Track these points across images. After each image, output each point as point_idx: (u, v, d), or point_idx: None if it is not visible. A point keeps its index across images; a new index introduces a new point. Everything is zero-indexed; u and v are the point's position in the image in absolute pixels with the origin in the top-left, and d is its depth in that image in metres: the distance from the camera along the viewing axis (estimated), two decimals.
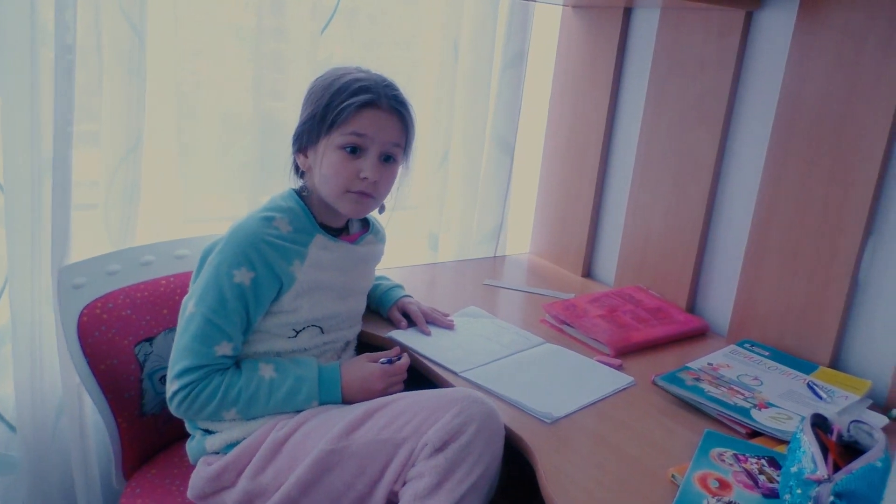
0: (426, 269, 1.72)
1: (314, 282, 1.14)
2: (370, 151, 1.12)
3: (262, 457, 1.05)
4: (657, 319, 1.45)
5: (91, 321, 1.19)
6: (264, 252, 1.08)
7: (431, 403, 1.01)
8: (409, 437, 0.99)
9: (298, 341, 1.15)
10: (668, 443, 1.04)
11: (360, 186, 1.12)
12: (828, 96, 1.26)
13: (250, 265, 1.08)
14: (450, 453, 0.96)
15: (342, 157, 1.11)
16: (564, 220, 1.82)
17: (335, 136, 1.11)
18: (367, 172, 1.11)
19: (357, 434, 1.02)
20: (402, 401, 1.04)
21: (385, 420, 1.02)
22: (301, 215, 1.15)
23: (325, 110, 1.11)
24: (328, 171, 1.12)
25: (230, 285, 1.07)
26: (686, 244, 1.53)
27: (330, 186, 1.13)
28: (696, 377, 1.19)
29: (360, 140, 1.11)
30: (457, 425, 0.98)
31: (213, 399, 1.06)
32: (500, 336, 1.32)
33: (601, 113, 1.69)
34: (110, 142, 1.33)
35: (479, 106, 1.72)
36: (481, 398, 1.02)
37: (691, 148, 1.50)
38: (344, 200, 1.13)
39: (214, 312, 1.06)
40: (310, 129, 1.13)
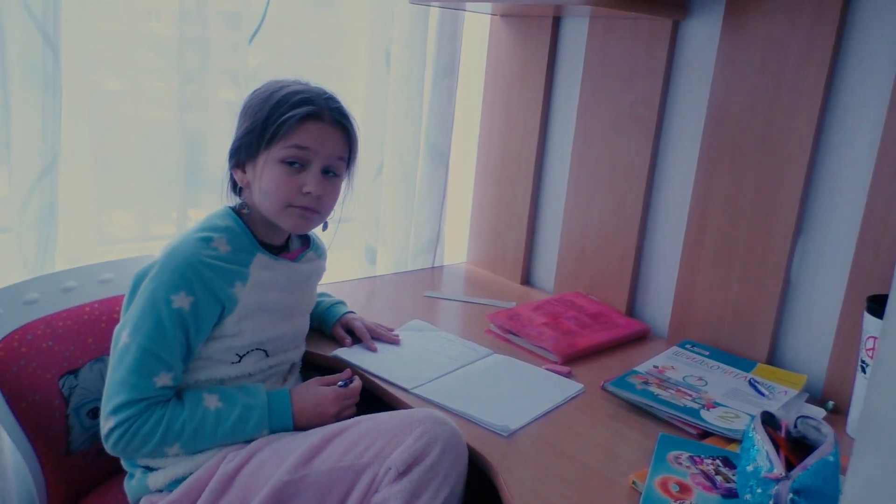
0: (365, 282, 1.69)
1: (257, 303, 1.09)
2: (313, 165, 1.08)
3: (212, 491, 0.98)
4: (599, 324, 1.46)
5: (8, 355, 1.10)
6: (204, 275, 1.03)
7: (393, 426, 0.98)
8: (372, 463, 0.95)
9: (242, 366, 1.09)
10: (623, 449, 1.05)
11: (303, 202, 1.08)
12: (754, 102, 1.31)
13: (189, 289, 1.02)
14: (414, 477, 0.93)
15: (283, 172, 1.07)
16: (500, 228, 1.83)
17: (275, 150, 1.06)
18: (311, 187, 1.07)
19: (315, 462, 0.97)
20: (362, 425, 1.00)
21: (345, 446, 0.98)
22: (240, 234, 1.10)
23: (264, 123, 1.06)
24: (269, 187, 1.07)
25: (168, 311, 1.01)
26: (623, 249, 1.55)
27: (271, 202, 1.08)
28: (644, 381, 1.21)
29: (302, 153, 1.07)
30: (420, 447, 0.95)
31: (154, 434, 0.99)
32: (446, 349, 1.30)
33: (534, 121, 1.71)
34: (23, 161, 1.23)
35: (413, 117, 1.70)
36: (444, 418, 1.00)
37: (625, 154, 1.53)
38: (286, 216, 1.09)
39: (152, 341, 1.00)
40: (248, 144, 1.08)
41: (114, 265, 1.27)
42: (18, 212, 1.25)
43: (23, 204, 1.25)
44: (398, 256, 1.78)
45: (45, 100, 1.23)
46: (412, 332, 1.38)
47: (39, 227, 1.26)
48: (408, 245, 1.79)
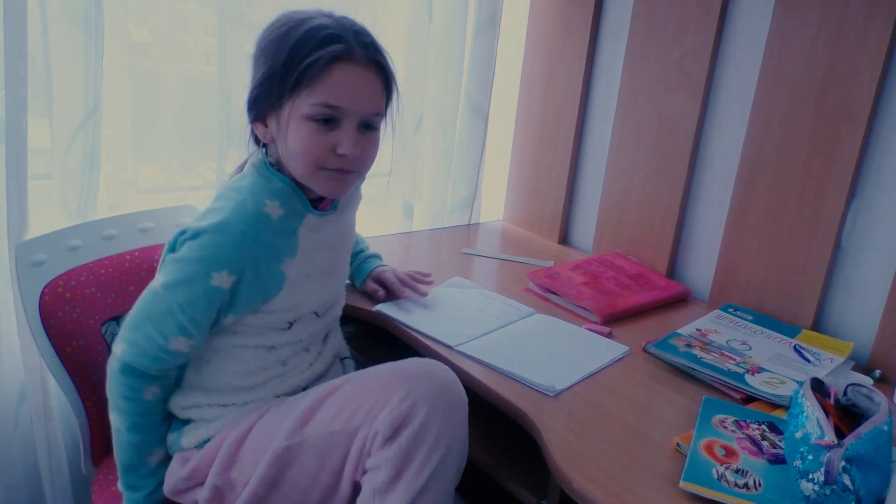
0: (401, 238, 1.68)
1: (306, 273, 1.02)
2: (346, 122, 0.95)
3: (226, 453, 0.98)
4: (639, 285, 1.44)
5: (53, 300, 1.11)
6: (253, 252, 0.94)
7: (380, 384, 0.93)
8: (362, 425, 0.92)
9: (293, 333, 1.04)
10: (667, 411, 1.04)
11: (336, 163, 0.96)
12: (811, 58, 1.25)
13: (233, 269, 0.93)
14: (402, 441, 0.89)
15: (312, 130, 0.93)
16: (539, 186, 1.80)
17: (302, 103, 0.92)
18: (346, 148, 0.94)
19: (310, 426, 0.95)
20: (351, 383, 0.96)
21: (335, 409, 0.94)
22: (291, 194, 0.99)
23: (285, 68, 0.91)
24: (296, 147, 0.94)
25: (205, 288, 0.93)
26: (665, 209, 1.52)
27: (300, 164, 0.96)
28: (687, 343, 1.19)
29: (333, 112, 0.93)
30: (405, 410, 0.90)
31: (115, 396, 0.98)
32: (489, 307, 1.29)
33: (577, 76, 1.66)
34: (65, 108, 1.23)
35: (453, 71, 1.66)
36: (433, 370, 0.94)
37: (671, 111, 1.48)
38: (318, 179, 0.97)
39: (183, 308, 0.93)
40: (268, 93, 0.94)
41: (153, 214, 1.28)
42: (61, 159, 1.25)
43: (65, 151, 1.25)
44: (435, 213, 1.76)
45: (87, 46, 1.21)
46: (454, 289, 1.37)
47: (82, 174, 1.27)
48: (445, 201, 1.77)
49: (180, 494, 1.03)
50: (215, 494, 0.99)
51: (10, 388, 1.18)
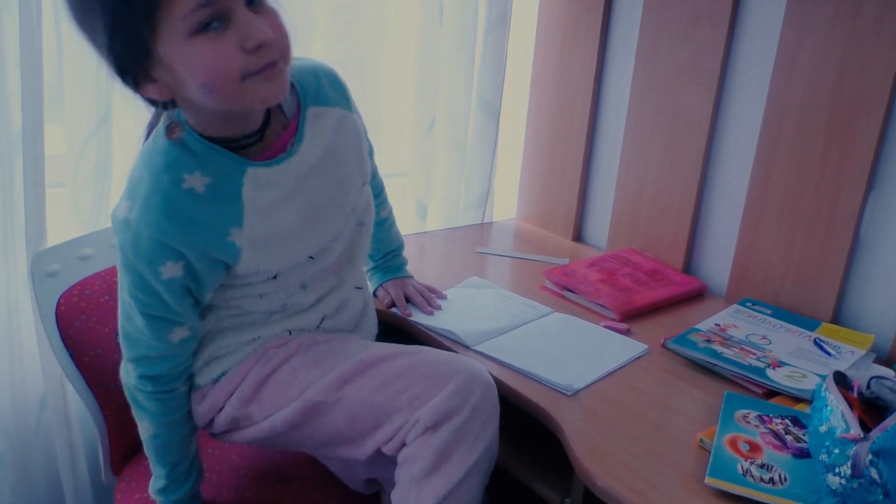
0: (416, 238, 1.67)
1: (268, 235, 0.91)
2: (234, 11, 0.76)
3: (246, 388, 0.97)
4: (656, 281, 1.43)
5: (69, 310, 1.12)
6: (184, 234, 0.85)
7: (430, 373, 0.92)
8: (403, 409, 0.91)
9: (280, 282, 0.96)
10: (688, 407, 1.03)
11: (258, 62, 0.78)
12: (826, 50, 1.24)
13: (174, 256, 0.86)
14: (443, 435, 0.89)
15: (207, 44, 0.76)
16: (552, 183, 1.79)
17: (174, 25, 0.74)
18: (255, 34, 0.76)
19: (348, 388, 0.93)
20: (400, 360, 0.94)
21: (379, 380, 0.93)
22: (215, 155, 0.85)
23: (121, 4, 0.73)
24: (204, 73, 0.77)
25: (162, 284, 0.88)
26: (681, 204, 1.51)
27: (219, 90, 0.78)
28: (706, 339, 1.18)
29: (212, 8, 0.75)
30: (453, 406, 0.90)
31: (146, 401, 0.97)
32: (507, 307, 1.29)
33: (588, 72, 1.65)
34: (77, 115, 1.24)
35: (464, 70, 1.66)
36: (480, 372, 0.94)
37: (685, 106, 1.47)
38: (249, 93, 0.80)
39: (155, 309, 0.89)
40: (130, 41, 0.75)
41: None
42: (73, 166, 1.25)
43: (77, 158, 1.25)
44: (448, 212, 1.76)
45: None
46: (471, 289, 1.37)
47: (94, 182, 1.27)
48: (458, 201, 1.76)
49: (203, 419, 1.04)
50: (232, 423, 1.01)
51: (31, 395, 1.19)
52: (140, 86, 0.81)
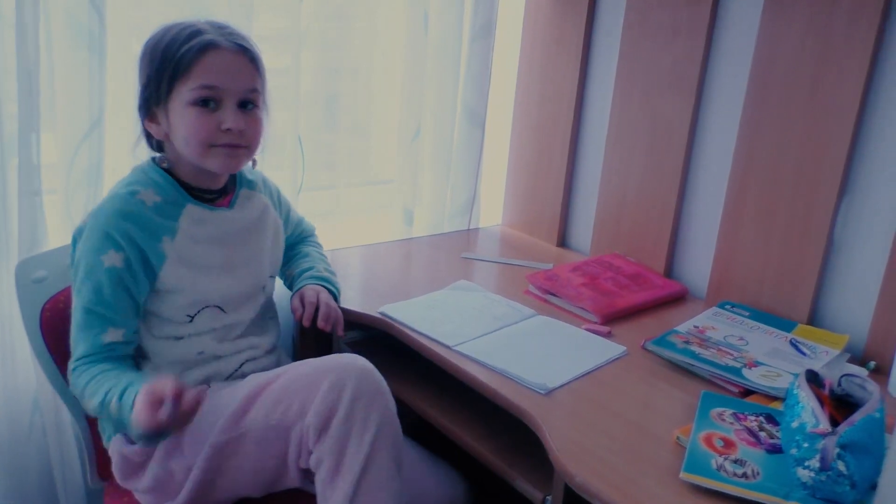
0: (402, 244, 1.70)
1: (188, 259, 1.07)
2: (226, 102, 1.04)
3: (167, 442, 1.02)
4: (637, 285, 1.46)
5: (54, 316, 1.14)
6: (128, 230, 1.02)
7: (308, 380, 0.99)
8: (295, 422, 0.98)
9: (196, 325, 1.09)
10: (666, 406, 1.06)
11: (225, 139, 1.04)
12: (800, 59, 1.28)
13: (116, 246, 1.01)
14: (334, 431, 0.95)
15: (197, 113, 1.02)
16: (537, 190, 1.82)
17: (183, 92, 1.02)
18: (230, 123, 1.03)
19: (247, 419, 1.00)
20: (281, 379, 1.01)
21: (269, 404, 1.00)
22: (166, 186, 1.08)
23: (161, 66, 1.02)
24: (186, 132, 1.03)
25: (102, 271, 1.01)
26: (662, 210, 1.55)
27: (192, 146, 1.04)
28: (685, 340, 1.21)
29: (211, 93, 1.03)
30: (331, 401, 0.96)
31: (83, 388, 1.01)
32: (491, 309, 1.32)
33: (572, 81, 1.69)
34: (68, 121, 1.25)
35: (449, 79, 1.69)
36: (350, 362, 1.00)
37: (665, 114, 1.51)
38: (211, 157, 1.05)
39: (91, 302, 1.01)
40: (154, 91, 1.04)
41: None
42: (65, 172, 1.27)
43: (69, 164, 1.27)
44: (434, 219, 1.79)
45: (91, 62, 1.24)
46: (458, 291, 1.40)
47: (87, 187, 1.29)
48: (444, 207, 1.79)
49: (127, 480, 1.08)
50: (156, 483, 1.05)
51: (23, 397, 1.21)
52: (148, 120, 1.07)
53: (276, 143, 1.46)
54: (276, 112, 1.46)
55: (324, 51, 1.58)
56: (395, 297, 1.35)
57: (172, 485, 1.04)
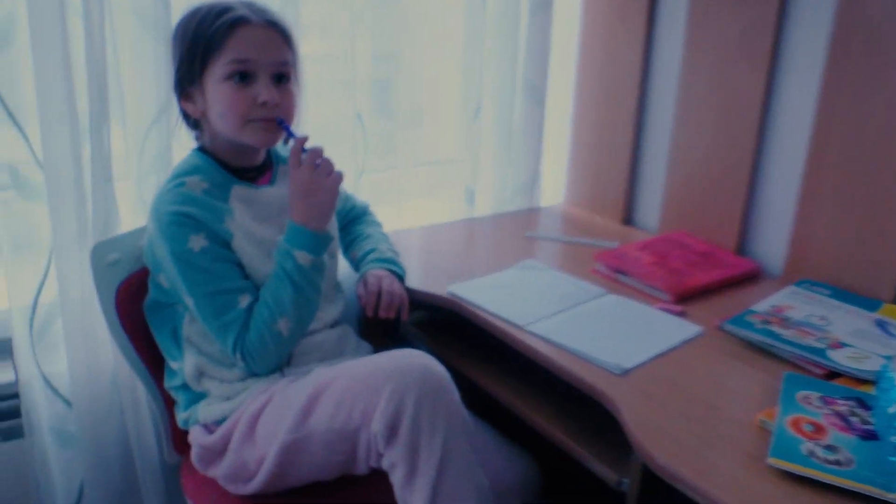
0: (464, 224, 1.69)
1: (251, 236, 1.08)
2: (260, 76, 1.05)
3: (241, 432, 1.05)
4: (709, 263, 1.42)
5: (128, 297, 1.16)
6: (195, 214, 1.04)
7: (366, 386, 0.98)
8: (361, 426, 0.98)
9: None
10: (746, 388, 1.03)
11: (260, 113, 1.05)
12: (884, 20, 1.21)
13: (194, 229, 1.03)
14: (402, 438, 0.95)
15: (232, 88, 1.04)
16: (600, 167, 1.78)
17: (217, 69, 1.03)
18: (265, 96, 1.04)
19: (311, 422, 1.01)
20: (342, 380, 1.01)
21: (331, 407, 1.00)
22: (210, 169, 1.09)
23: (193, 44, 1.04)
24: (221, 108, 1.04)
25: (198, 256, 1.03)
26: (733, 185, 1.49)
27: (228, 122, 1.05)
28: (763, 320, 1.17)
29: (244, 66, 1.04)
30: (394, 408, 0.95)
31: (262, 338, 1.04)
32: (560, 288, 1.29)
33: (636, 52, 1.64)
34: (137, 108, 1.27)
35: (509, 55, 1.66)
36: (409, 361, 0.99)
37: (736, 84, 1.45)
38: (248, 132, 1.06)
39: (208, 284, 1.04)
40: (188, 72, 1.06)
41: None
42: (136, 159, 1.29)
43: (139, 151, 1.29)
44: (496, 198, 1.76)
45: (156, 50, 1.25)
46: (525, 270, 1.38)
47: (156, 173, 1.30)
48: (506, 186, 1.76)
49: (206, 467, 1.11)
50: (232, 469, 1.07)
51: (103, 375, 1.24)
52: (183, 99, 1.10)
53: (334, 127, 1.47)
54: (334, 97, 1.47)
55: (378, 35, 1.56)
56: (460, 276, 1.34)
57: (246, 473, 1.06)
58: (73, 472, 1.24)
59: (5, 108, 1.10)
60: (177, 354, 1.13)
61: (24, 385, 1.18)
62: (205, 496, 1.11)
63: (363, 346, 1.24)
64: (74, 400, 1.21)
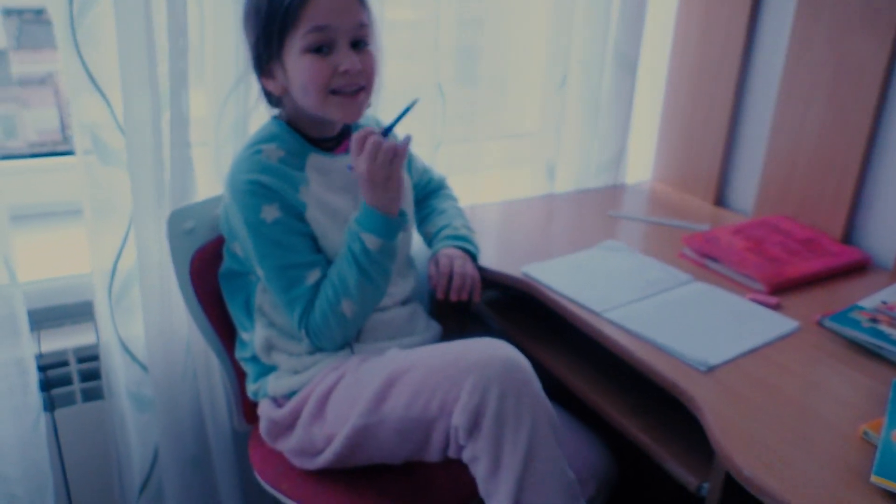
0: (544, 200, 1.62)
1: (326, 206, 1.06)
2: (339, 43, 1.01)
3: (311, 408, 1.05)
4: (810, 252, 1.30)
5: (203, 265, 1.16)
6: (269, 183, 1.02)
7: (446, 376, 0.95)
8: (438, 417, 0.96)
9: None
10: (848, 393, 0.93)
11: (343, 81, 1.02)
12: None
13: (267, 199, 1.02)
14: (486, 431, 0.92)
15: (312, 60, 1.01)
16: (693, 142, 1.67)
17: (295, 42, 1.00)
18: (347, 64, 1.01)
19: (386, 408, 0.98)
20: (419, 369, 0.98)
21: (407, 395, 0.97)
22: (287, 137, 1.07)
23: (268, 20, 1.00)
24: (303, 79, 1.02)
25: (270, 227, 1.02)
26: (842, 167, 1.36)
27: (311, 95, 1.03)
28: (871, 318, 1.06)
29: (323, 35, 1.00)
30: (476, 401, 0.92)
31: (327, 319, 1.03)
32: (643, 272, 1.22)
33: (739, 21, 1.51)
34: (218, 74, 1.26)
35: (601, 20, 1.56)
36: (492, 353, 0.95)
37: (854, 57, 1.31)
38: (331, 105, 1.03)
39: (278, 258, 1.03)
40: (266, 46, 1.02)
41: None
42: (214, 125, 1.28)
43: (218, 116, 1.28)
44: (579, 173, 1.68)
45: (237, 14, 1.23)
46: (606, 251, 1.30)
47: (234, 140, 1.30)
48: (590, 161, 1.68)
49: (273, 439, 1.11)
50: (299, 444, 1.07)
51: (178, 341, 1.26)
52: (264, 77, 1.07)
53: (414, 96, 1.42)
54: (414, 64, 1.42)
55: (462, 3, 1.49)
56: (537, 256, 1.28)
57: (314, 449, 1.06)
58: (149, 436, 1.27)
59: (87, 72, 1.11)
60: (248, 325, 1.13)
61: (104, 348, 1.21)
62: (271, 467, 1.11)
63: (433, 325, 1.21)
64: (150, 365, 1.23)
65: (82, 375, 1.25)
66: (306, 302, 1.04)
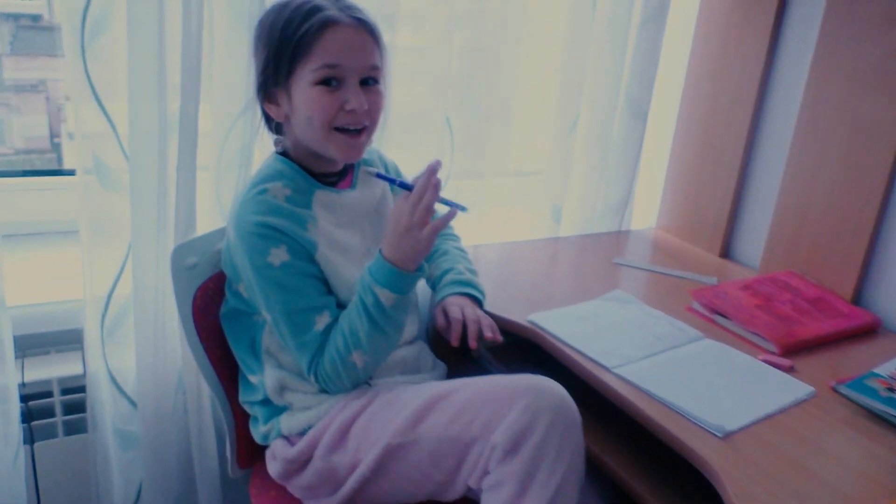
0: (548, 243, 1.59)
1: (335, 244, 1.04)
2: (349, 80, 0.99)
3: (331, 437, 1.01)
4: (820, 311, 1.28)
5: (205, 301, 1.12)
6: (274, 224, 0.99)
7: (497, 396, 0.93)
8: (478, 437, 0.92)
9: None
10: (869, 466, 0.90)
11: (347, 119, 0.99)
12: None
13: (275, 242, 0.99)
14: (525, 455, 0.89)
15: (320, 93, 0.98)
16: (700, 192, 1.65)
17: (305, 73, 0.98)
18: (354, 103, 0.98)
19: (422, 428, 0.95)
20: (466, 391, 0.96)
21: (450, 414, 0.95)
22: (293, 174, 1.04)
23: (280, 46, 0.98)
24: (309, 112, 0.99)
25: (277, 272, 0.99)
26: (855, 225, 1.34)
27: (314, 128, 1.00)
28: (888, 387, 1.03)
29: (334, 72, 0.98)
30: (525, 423, 0.89)
31: (336, 369, 1.00)
32: (652, 327, 1.19)
33: (753, 74, 1.50)
34: (224, 98, 1.23)
35: (614, 67, 1.55)
36: (550, 386, 0.93)
37: (869, 116, 1.30)
38: (333, 142, 1.01)
39: (286, 303, 0.99)
40: (274, 72, 1.00)
41: None
42: (218, 149, 1.25)
43: (223, 141, 1.25)
44: (584, 216, 1.66)
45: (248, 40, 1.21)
46: (614, 303, 1.27)
47: (237, 168, 1.26)
48: (595, 204, 1.66)
49: (287, 479, 1.06)
50: (318, 478, 1.02)
51: (170, 376, 1.21)
52: (267, 102, 1.04)
53: (421, 126, 1.40)
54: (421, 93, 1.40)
55: (472, 30, 1.47)
56: (540, 301, 1.25)
57: (333, 481, 1.02)
58: (133, 473, 1.22)
59: (95, 95, 1.08)
60: (255, 367, 1.08)
61: (92, 379, 1.16)
62: None
63: (439, 364, 1.18)
64: (139, 400, 1.19)
65: (65, 407, 1.20)
66: (315, 348, 1.01)
